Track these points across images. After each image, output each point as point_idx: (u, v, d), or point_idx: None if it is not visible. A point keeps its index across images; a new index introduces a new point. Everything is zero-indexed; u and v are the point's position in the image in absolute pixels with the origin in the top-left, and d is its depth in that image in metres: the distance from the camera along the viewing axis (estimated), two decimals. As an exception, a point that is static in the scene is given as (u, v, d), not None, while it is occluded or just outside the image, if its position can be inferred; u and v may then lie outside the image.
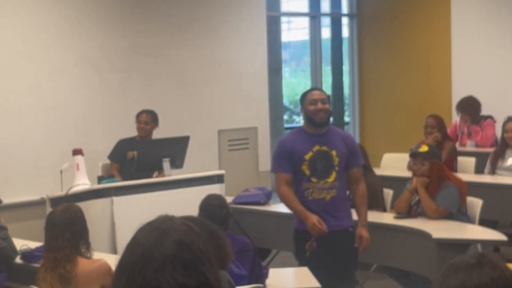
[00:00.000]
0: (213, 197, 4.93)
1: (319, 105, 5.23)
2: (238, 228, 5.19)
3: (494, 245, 7.14)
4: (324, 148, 5.25)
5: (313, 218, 5.11)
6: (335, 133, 5.40)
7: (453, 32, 9.92)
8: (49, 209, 5.79)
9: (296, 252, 5.39)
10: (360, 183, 5.38)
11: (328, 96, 5.41)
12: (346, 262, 5.31)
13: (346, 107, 11.61)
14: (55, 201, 6.07)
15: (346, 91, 11.50)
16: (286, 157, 5.26)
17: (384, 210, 6.60)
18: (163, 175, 6.79)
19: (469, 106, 8.75)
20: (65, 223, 4.38)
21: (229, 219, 4.75)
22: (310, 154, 5.22)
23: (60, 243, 4.35)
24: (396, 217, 6.08)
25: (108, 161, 7.55)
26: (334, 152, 5.24)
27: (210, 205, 4.74)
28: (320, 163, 5.23)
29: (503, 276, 1.66)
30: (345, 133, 5.86)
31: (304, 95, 5.36)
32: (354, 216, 5.43)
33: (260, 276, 4.59)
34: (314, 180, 5.22)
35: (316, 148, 5.24)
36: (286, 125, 11.13)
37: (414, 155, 6.16)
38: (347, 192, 5.45)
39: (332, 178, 5.24)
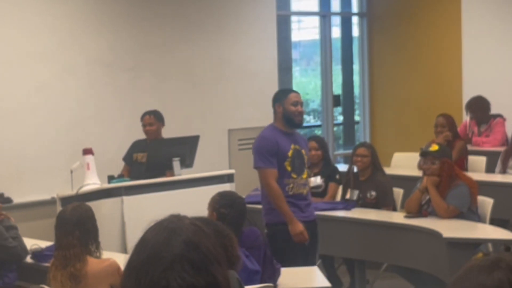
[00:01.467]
0: (231, 193, 5.04)
1: (299, 108, 5.54)
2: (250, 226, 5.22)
3: (505, 245, 7.12)
4: (297, 146, 5.57)
5: (301, 226, 5.39)
6: (297, 134, 5.79)
7: (463, 31, 9.89)
8: (59, 208, 5.80)
9: (277, 247, 5.26)
10: None
11: None
12: (313, 250, 5.64)
13: (356, 106, 11.59)
14: (65, 200, 6.08)
15: (356, 90, 11.48)
16: (272, 152, 5.50)
17: (394, 209, 6.59)
18: (173, 175, 6.79)
19: (478, 107, 8.69)
20: (75, 222, 4.40)
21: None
22: (291, 151, 5.52)
23: (70, 241, 4.36)
24: (406, 216, 6.07)
25: None
26: (303, 151, 5.61)
27: (237, 203, 4.79)
28: (297, 160, 5.54)
29: None
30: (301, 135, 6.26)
31: (285, 95, 5.62)
32: None
33: (273, 271, 4.60)
34: (294, 175, 5.51)
35: (293, 146, 5.55)
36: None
37: (425, 154, 6.15)
38: None
39: (305, 174, 5.59)
